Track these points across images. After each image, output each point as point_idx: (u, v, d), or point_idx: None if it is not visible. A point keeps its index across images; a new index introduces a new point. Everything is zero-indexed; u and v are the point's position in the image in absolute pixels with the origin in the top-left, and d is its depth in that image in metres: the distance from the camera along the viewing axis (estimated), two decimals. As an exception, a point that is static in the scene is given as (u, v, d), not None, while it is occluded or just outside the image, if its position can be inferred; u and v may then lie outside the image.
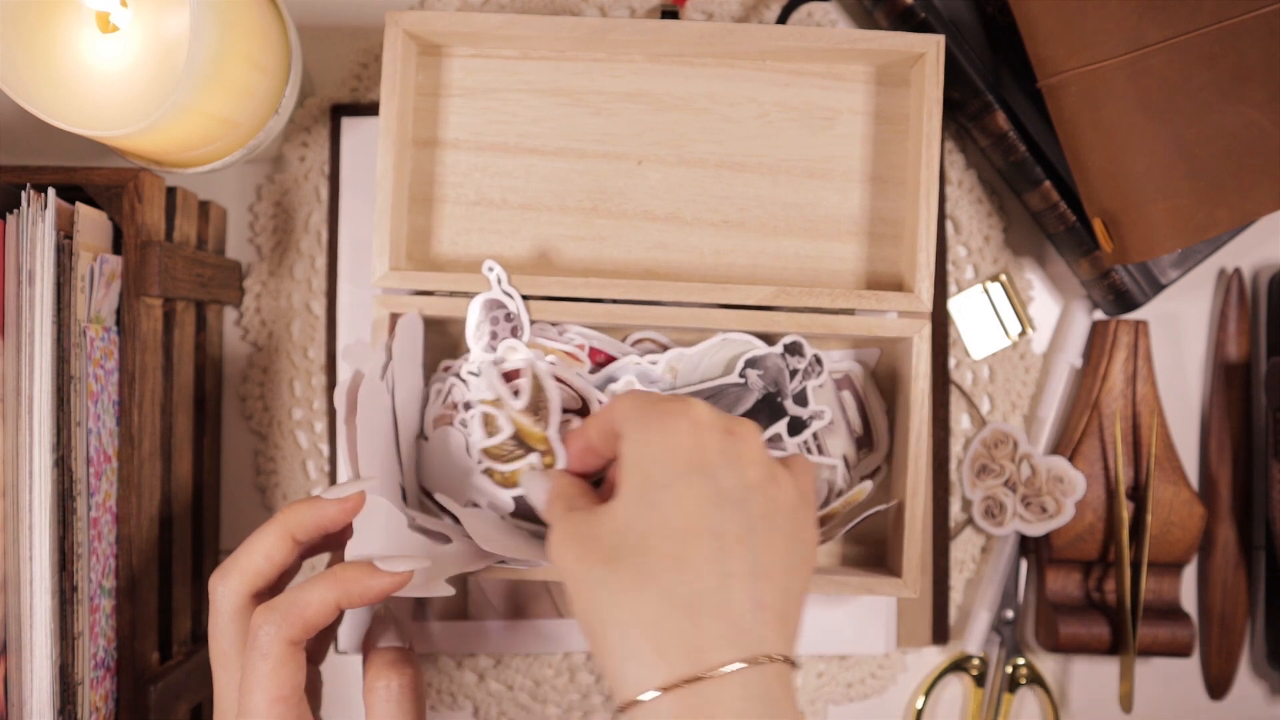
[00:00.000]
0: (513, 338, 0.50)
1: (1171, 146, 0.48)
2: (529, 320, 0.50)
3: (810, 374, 0.51)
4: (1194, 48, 0.47)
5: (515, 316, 0.49)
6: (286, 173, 0.59)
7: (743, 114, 0.53)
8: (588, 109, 0.53)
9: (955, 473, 0.59)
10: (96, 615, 0.47)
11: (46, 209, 0.44)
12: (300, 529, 0.42)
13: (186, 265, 0.52)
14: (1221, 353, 0.60)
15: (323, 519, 0.42)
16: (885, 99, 0.53)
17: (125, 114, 0.45)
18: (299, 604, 0.39)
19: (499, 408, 0.49)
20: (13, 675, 0.43)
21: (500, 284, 0.49)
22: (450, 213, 0.53)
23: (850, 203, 0.53)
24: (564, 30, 0.50)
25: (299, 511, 0.42)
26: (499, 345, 0.50)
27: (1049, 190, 0.55)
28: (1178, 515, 0.57)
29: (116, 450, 0.48)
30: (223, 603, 0.41)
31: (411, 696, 0.41)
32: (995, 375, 0.60)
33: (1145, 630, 0.57)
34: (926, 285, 0.50)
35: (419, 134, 0.53)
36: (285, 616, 0.39)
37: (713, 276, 0.53)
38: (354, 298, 0.57)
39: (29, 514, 0.43)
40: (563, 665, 0.59)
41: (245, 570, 0.41)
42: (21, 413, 0.43)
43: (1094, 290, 0.57)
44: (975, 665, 0.60)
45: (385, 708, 0.40)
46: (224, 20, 0.45)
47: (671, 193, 0.53)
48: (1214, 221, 0.48)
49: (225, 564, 0.41)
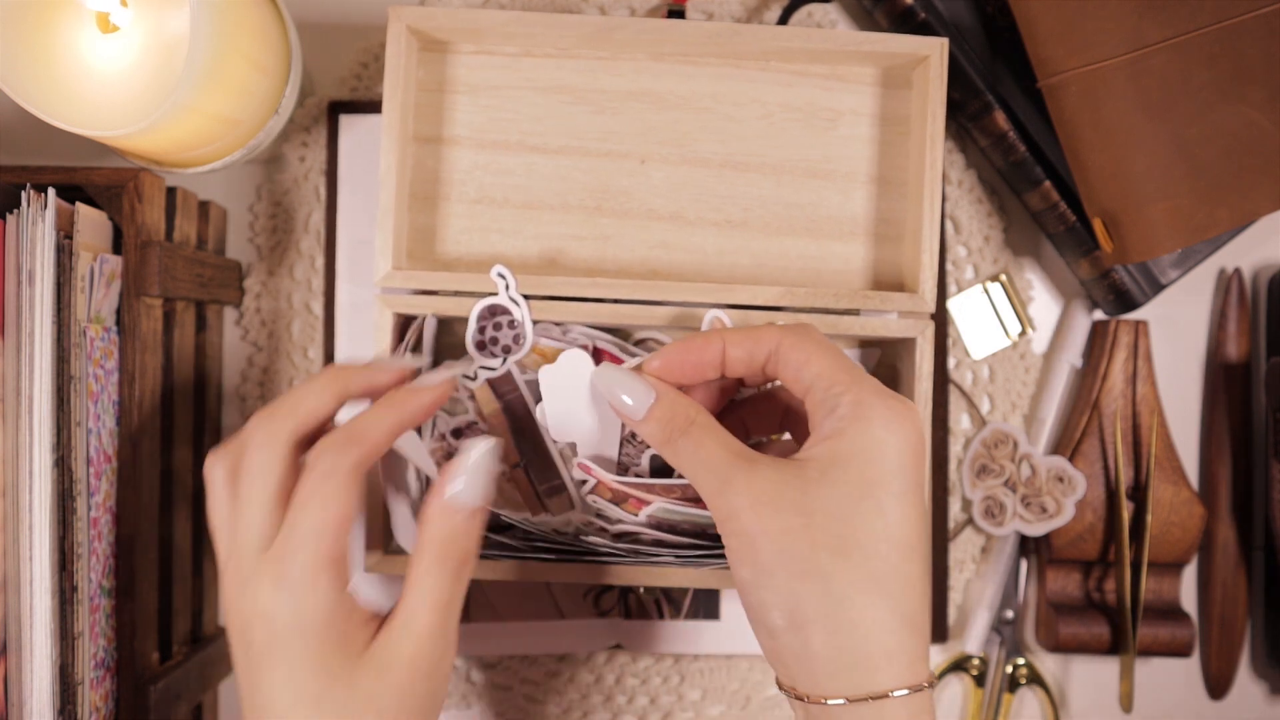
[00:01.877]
0: (514, 347, 0.49)
1: (1171, 146, 0.48)
2: (532, 329, 0.49)
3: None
4: (1194, 48, 0.47)
5: (519, 325, 0.49)
6: (286, 172, 0.59)
7: (746, 114, 0.53)
8: (591, 107, 0.53)
9: (955, 473, 0.60)
10: (96, 615, 0.47)
11: (46, 209, 0.44)
12: (351, 389, 0.40)
13: (186, 265, 0.52)
14: (1221, 353, 0.60)
15: (375, 384, 0.41)
16: (888, 100, 0.53)
17: (125, 114, 0.45)
18: (359, 429, 0.38)
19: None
20: (13, 675, 0.43)
21: (509, 290, 0.49)
22: (452, 211, 0.53)
23: (853, 203, 0.53)
24: (568, 28, 0.50)
25: (353, 372, 0.40)
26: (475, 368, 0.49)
27: (1049, 190, 0.55)
28: (1178, 515, 0.57)
29: (116, 450, 0.48)
30: (265, 439, 0.38)
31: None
32: (995, 375, 0.60)
33: (1145, 630, 0.57)
34: (930, 286, 0.50)
35: (421, 131, 0.53)
36: (350, 441, 0.38)
37: (716, 276, 0.53)
38: (354, 298, 0.57)
39: (29, 514, 0.43)
40: (563, 665, 0.59)
41: (295, 412, 0.39)
42: (21, 413, 0.43)
43: (1094, 290, 0.57)
44: (975, 665, 0.60)
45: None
46: (224, 20, 0.44)
47: (675, 192, 0.53)
48: (1214, 221, 0.49)
49: (271, 407, 0.40)
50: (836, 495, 0.36)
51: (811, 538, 0.35)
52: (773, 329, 0.40)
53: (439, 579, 0.38)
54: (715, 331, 0.41)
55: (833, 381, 0.38)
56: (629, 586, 0.58)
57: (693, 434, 0.39)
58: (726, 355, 0.40)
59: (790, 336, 0.39)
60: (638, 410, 0.40)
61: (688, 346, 0.41)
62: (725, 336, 0.41)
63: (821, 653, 0.35)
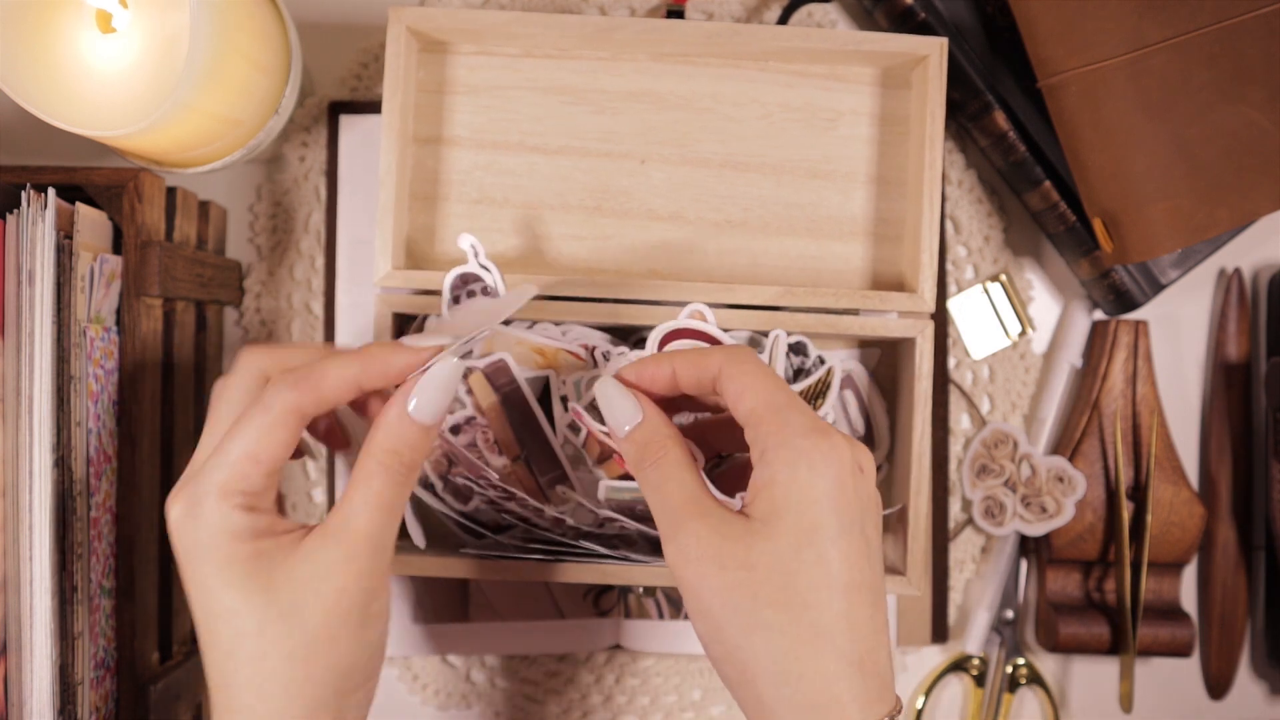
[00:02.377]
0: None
1: (1171, 146, 0.48)
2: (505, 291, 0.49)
3: (812, 374, 0.51)
4: (1194, 48, 0.47)
5: (492, 291, 0.49)
6: (286, 172, 0.59)
7: (746, 114, 0.53)
8: (591, 107, 0.53)
9: (955, 473, 0.60)
10: (96, 615, 0.47)
11: (46, 209, 0.44)
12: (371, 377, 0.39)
13: (186, 265, 0.52)
14: (1221, 353, 0.60)
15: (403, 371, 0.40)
16: (888, 101, 0.53)
17: (125, 114, 0.45)
18: (316, 372, 0.38)
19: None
20: (13, 675, 0.43)
21: (478, 257, 0.49)
22: (452, 211, 0.53)
23: (852, 203, 0.53)
24: (568, 29, 0.50)
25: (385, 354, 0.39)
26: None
27: (1049, 190, 0.55)
28: (1178, 515, 0.57)
29: (116, 450, 0.48)
30: (239, 370, 0.39)
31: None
32: (995, 375, 0.60)
33: (1145, 630, 0.57)
34: (929, 285, 0.50)
35: (421, 131, 0.53)
36: (301, 381, 0.37)
37: (716, 276, 0.53)
38: (353, 297, 0.57)
39: (29, 514, 0.43)
40: (563, 665, 0.59)
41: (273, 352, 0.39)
42: (21, 413, 0.43)
43: (1094, 290, 0.57)
44: (975, 665, 0.60)
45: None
46: (224, 20, 0.44)
47: (675, 192, 0.53)
48: (1214, 221, 0.49)
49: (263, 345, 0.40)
50: (777, 547, 0.36)
51: (754, 592, 0.36)
52: (716, 353, 0.40)
53: (384, 482, 0.38)
54: (665, 355, 0.41)
55: (760, 420, 0.38)
56: (629, 586, 0.58)
57: (661, 468, 0.39)
58: (676, 375, 0.41)
59: (729, 365, 0.39)
60: (620, 427, 0.40)
61: (639, 370, 0.41)
62: (674, 360, 0.41)
63: (773, 705, 0.36)
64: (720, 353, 0.40)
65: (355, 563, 0.37)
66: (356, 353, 0.39)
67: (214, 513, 0.36)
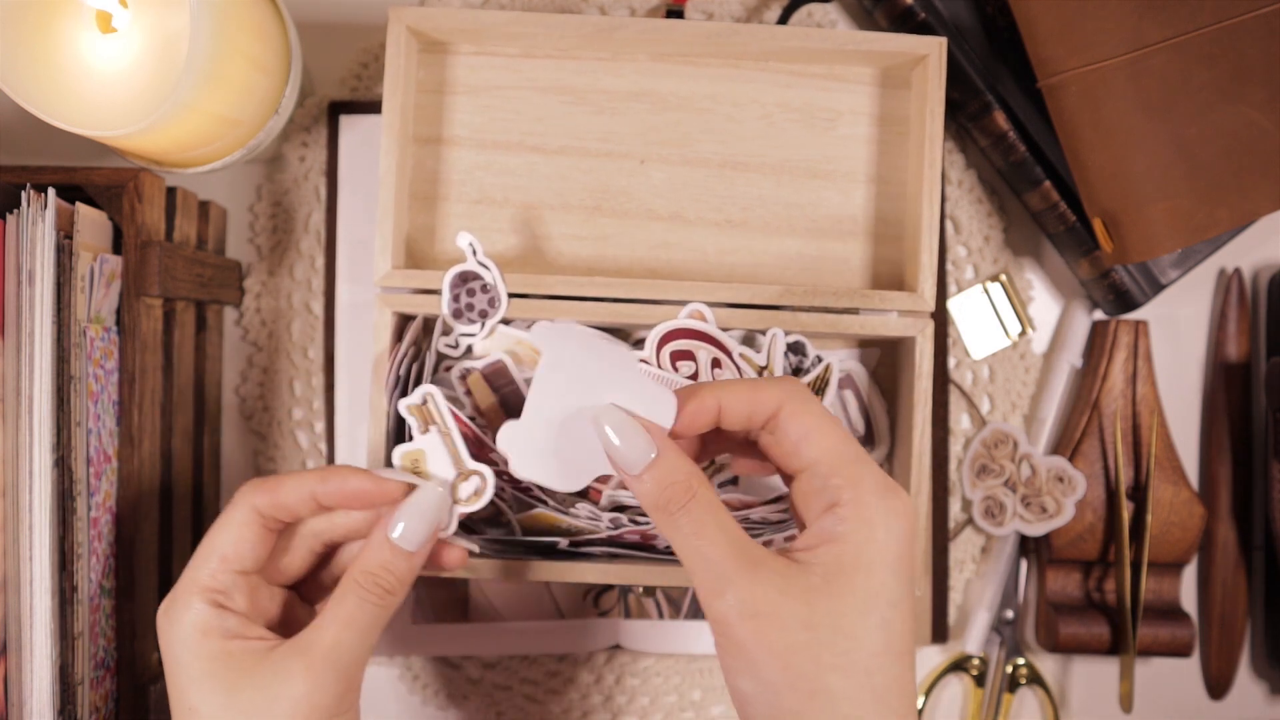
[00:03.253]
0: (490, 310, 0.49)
1: (1171, 146, 0.48)
2: (506, 291, 0.49)
3: (810, 372, 0.51)
4: (1194, 48, 0.47)
5: (491, 288, 0.49)
6: (286, 172, 0.59)
7: (745, 114, 0.53)
8: (591, 108, 0.53)
9: (955, 473, 0.60)
10: (96, 615, 0.47)
11: (46, 209, 0.44)
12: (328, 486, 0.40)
13: (186, 265, 0.52)
14: (1221, 353, 0.60)
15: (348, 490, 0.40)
16: (887, 100, 0.53)
17: (125, 114, 0.45)
18: (276, 480, 0.40)
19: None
20: (13, 675, 0.43)
21: (476, 255, 0.49)
22: (452, 211, 0.53)
23: (852, 203, 0.53)
24: (568, 29, 0.50)
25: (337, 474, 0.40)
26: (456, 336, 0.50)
27: (1049, 190, 0.55)
28: (1178, 515, 0.57)
29: (116, 450, 0.48)
30: (236, 500, 0.40)
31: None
32: (995, 375, 0.60)
33: (1145, 630, 0.57)
34: (929, 285, 0.50)
35: (421, 131, 0.53)
36: (261, 485, 0.40)
37: (716, 276, 0.53)
38: (354, 297, 0.57)
39: (29, 514, 0.43)
40: (563, 665, 0.59)
41: (266, 487, 0.40)
42: (21, 413, 0.43)
43: (1094, 290, 0.57)
44: (975, 665, 0.60)
45: None
46: (224, 20, 0.44)
47: (675, 192, 0.53)
48: (1214, 221, 0.49)
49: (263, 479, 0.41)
50: (841, 608, 0.35)
51: (817, 656, 0.34)
52: (771, 389, 0.38)
53: (356, 602, 0.39)
54: (710, 386, 0.39)
55: (832, 472, 0.36)
56: (629, 586, 0.58)
57: (694, 512, 0.36)
58: (723, 411, 0.38)
59: (792, 403, 0.37)
60: (633, 464, 0.37)
61: (682, 403, 0.38)
62: (721, 393, 0.38)
63: None
64: (776, 388, 0.38)
65: (314, 677, 0.37)
66: (321, 469, 0.41)
67: (186, 608, 0.39)
